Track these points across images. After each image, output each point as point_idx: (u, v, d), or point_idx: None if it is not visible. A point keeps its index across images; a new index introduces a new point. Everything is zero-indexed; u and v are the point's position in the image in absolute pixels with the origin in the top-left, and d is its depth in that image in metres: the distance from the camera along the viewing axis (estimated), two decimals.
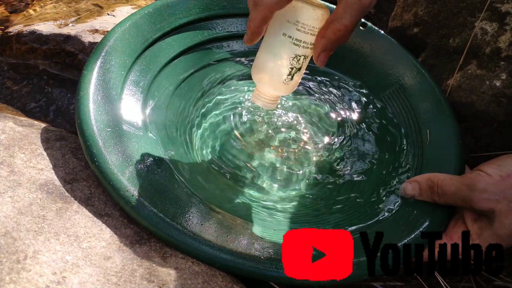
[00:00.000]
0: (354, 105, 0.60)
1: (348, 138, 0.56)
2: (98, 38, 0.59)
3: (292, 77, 0.42)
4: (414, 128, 0.55)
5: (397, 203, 0.48)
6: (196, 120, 0.53)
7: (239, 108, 0.55)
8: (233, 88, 0.57)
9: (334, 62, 0.62)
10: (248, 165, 0.51)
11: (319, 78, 0.61)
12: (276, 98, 0.45)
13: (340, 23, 0.36)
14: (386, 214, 0.47)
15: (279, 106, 0.57)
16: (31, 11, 0.68)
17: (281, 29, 0.40)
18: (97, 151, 0.40)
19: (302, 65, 0.42)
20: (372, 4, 0.36)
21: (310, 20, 0.39)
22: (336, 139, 0.56)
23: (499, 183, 0.41)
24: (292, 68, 0.42)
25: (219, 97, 0.56)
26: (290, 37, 0.40)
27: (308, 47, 0.41)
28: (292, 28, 0.39)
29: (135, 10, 0.67)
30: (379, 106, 0.59)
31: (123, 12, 0.66)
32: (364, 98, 0.60)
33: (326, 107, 0.58)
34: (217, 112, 0.54)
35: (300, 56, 0.41)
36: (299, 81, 0.44)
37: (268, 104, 0.45)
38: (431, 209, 0.45)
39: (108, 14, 0.65)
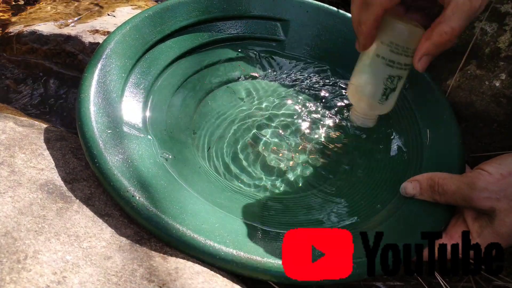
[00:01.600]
0: None
1: (347, 138, 0.56)
2: (98, 38, 0.59)
3: (387, 97, 0.43)
4: (414, 127, 0.55)
5: (398, 203, 0.48)
6: (196, 122, 0.53)
7: (241, 109, 0.55)
8: (234, 89, 0.57)
9: (334, 63, 0.62)
10: (248, 165, 0.51)
11: (317, 79, 0.61)
12: (373, 116, 0.47)
13: (447, 25, 0.35)
14: (386, 213, 0.47)
15: (279, 105, 0.57)
16: (31, 11, 0.68)
17: (375, 50, 0.40)
18: (97, 152, 0.40)
19: (396, 86, 0.43)
20: (482, 7, 0.35)
21: (404, 41, 0.39)
22: (335, 139, 0.56)
23: (500, 182, 0.41)
24: (386, 89, 0.42)
25: (220, 98, 0.56)
26: (384, 58, 0.40)
27: (402, 68, 0.41)
28: (385, 49, 0.40)
29: (135, 10, 0.68)
30: None
31: (123, 12, 0.66)
32: None
33: (325, 107, 0.58)
34: (218, 113, 0.54)
35: (394, 77, 0.42)
36: (396, 100, 0.45)
37: (366, 123, 0.47)
38: (432, 208, 0.45)
39: (109, 15, 0.65)
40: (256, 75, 0.59)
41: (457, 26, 0.35)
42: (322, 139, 0.55)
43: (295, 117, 0.56)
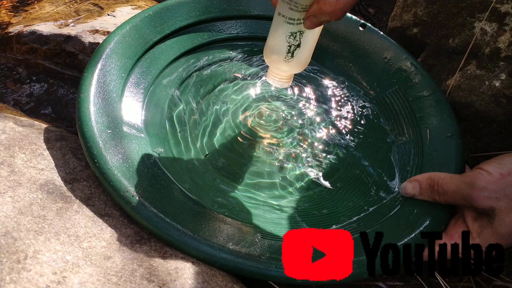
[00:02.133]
0: (354, 105, 0.60)
1: (348, 138, 0.56)
2: (98, 38, 0.59)
3: (293, 54, 0.44)
4: (414, 127, 0.55)
5: (397, 203, 0.48)
6: (196, 121, 0.53)
7: (241, 109, 0.56)
8: (234, 88, 0.57)
9: (334, 63, 0.63)
10: (248, 165, 0.51)
11: (317, 79, 0.61)
12: (288, 76, 0.47)
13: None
14: (387, 213, 0.47)
15: (280, 106, 0.57)
16: (31, 11, 0.68)
17: (277, 9, 0.41)
18: (97, 152, 0.40)
19: (300, 42, 0.43)
20: None
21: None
22: (336, 139, 0.56)
23: (499, 181, 0.41)
24: (290, 46, 0.43)
25: (220, 98, 0.56)
26: (284, 16, 0.41)
27: (301, 23, 0.42)
28: (285, 7, 0.41)
29: (135, 10, 0.68)
30: (379, 106, 0.59)
31: (123, 12, 0.66)
32: (364, 99, 0.60)
33: (324, 108, 0.58)
34: (218, 113, 0.54)
35: (295, 33, 0.42)
36: (308, 57, 0.45)
37: (280, 83, 0.47)
38: (432, 208, 0.45)
39: (108, 15, 0.65)
40: (257, 75, 0.59)
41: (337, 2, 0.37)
42: (321, 138, 0.55)
43: (295, 117, 0.56)
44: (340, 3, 0.37)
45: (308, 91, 0.60)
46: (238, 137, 0.53)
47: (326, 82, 0.61)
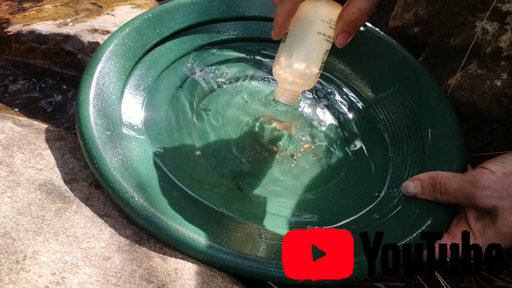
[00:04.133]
0: (354, 105, 0.60)
1: (348, 138, 0.56)
2: (97, 37, 0.59)
3: (321, 70, 0.46)
4: (416, 127, 0.55)
5: (399, 202, 0.48)
6: (196, 123, 0.53)
7: (241, 109, 0.55)
8: (234, 90, 0.57)
9: (333, 64, 0.62)
10: (249, 166, 0.51)
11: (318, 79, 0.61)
12: (299, 93, 0.48)
13: (354, 6, 0.40)
14: (388, 213, 0.47)
15: (278, 107, 0.57)
16: (30, 11, 0.68)
17: (315, 28, 0.43)
18: (96, 153, 0.40)
19: (326, 59, 0.46)
20: None
21: (335, 16, 0.43)
22: (336, 140, 0.56)
23: (502, 180, 0.40)
24: (323, 63, 0.45)
25: (219, 99, 0.55)
26: (324, 34, 0.43)
27: (331, 41, 0.44)
28: (325, 26, 0.43)
29: (135, 9, 0.67)
30: (380, 106, 0.59)
31: (123, 11, 0.66)
32: (365, 99, 0.60)
33: (324, 108, 0.58)
34: (219, 114, 0.54)
35: (328, 50, 0.45)
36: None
37: (293, 100, 0.48)
38: (433, 207, 0.45)
39: (108, 14, 0.65)
40: (256, 76, 0.59)
41: (363, 5, 0.40)
42: (322, 139, 0.55)
43: (295, 119, 0.56)
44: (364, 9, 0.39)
45: (308, 91, 0.59)
46: (238, 138, 0.53)
47: (326, 82, 0.61)
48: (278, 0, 0.42)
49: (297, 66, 0.45)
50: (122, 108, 0.47)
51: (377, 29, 0.62)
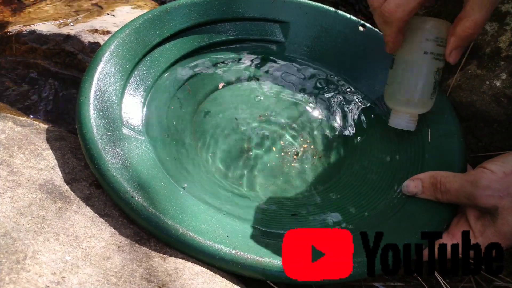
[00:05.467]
0: (353, 106, 0.60)
1: (348, 138, 0.56)
2: (98, 38, 0.59)
3: (435, 90, 0.45)
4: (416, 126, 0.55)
5: (399, 201, 0.48)
6: (197, 123, 0.53)
7: (242, 110, 0.55)
8: (234, 91, 0.57)
9: (333, 64, 0.62)
10: (249, 167, 0.51)
11: (317, 81, 0.61)
12: (417, 116, 0.48)
13: (469, 20, 0.39)
14: (389, 212, 0.47)
15: (280, 108, 0.57)
16: (30, 11, 0.68)
17: (420, 48, 0.42)
18: (97, 154, 0.40)
19: (440, 77, 0.46)
20: None
21: (444, 33, 0.42)
22: (336, 139, 0.56)
23: (503, 180, 0.40)
24: (435, 82, 0.45)
25: (220, 100, 0.56)
26: (432, 53, 0.43)
27: (443, 59, 0.44)
28: (432, 45, 0.42)
29: (135, 9, 0.67)
30: (379, 106, 0.59)
31: (123, 12, 0.66)
32: (364, 99, 0.60)
33: (324, 108, 0.58)
34: (219, 115, 0.54)
35: (440, 68, 0.44)
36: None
37: (410, 125, 0.48)
38: (434, 207, 0.45)
39: (108, 14, 0.65)
40: (256, 77, 0.59)
41: (479, 19, 0.39)
42: (323, 141, 0.55)
43: (296, 119, 0.56)
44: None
45: (308, 91, 0.60)
46: (238, 138, 0.53)
47: (326, 82, 0.61)
48: (381, 21, 0.41)
49: (408, 97, 0.44)
50: (123, 109, 0.47)
51: (376, 29, 0.62)
